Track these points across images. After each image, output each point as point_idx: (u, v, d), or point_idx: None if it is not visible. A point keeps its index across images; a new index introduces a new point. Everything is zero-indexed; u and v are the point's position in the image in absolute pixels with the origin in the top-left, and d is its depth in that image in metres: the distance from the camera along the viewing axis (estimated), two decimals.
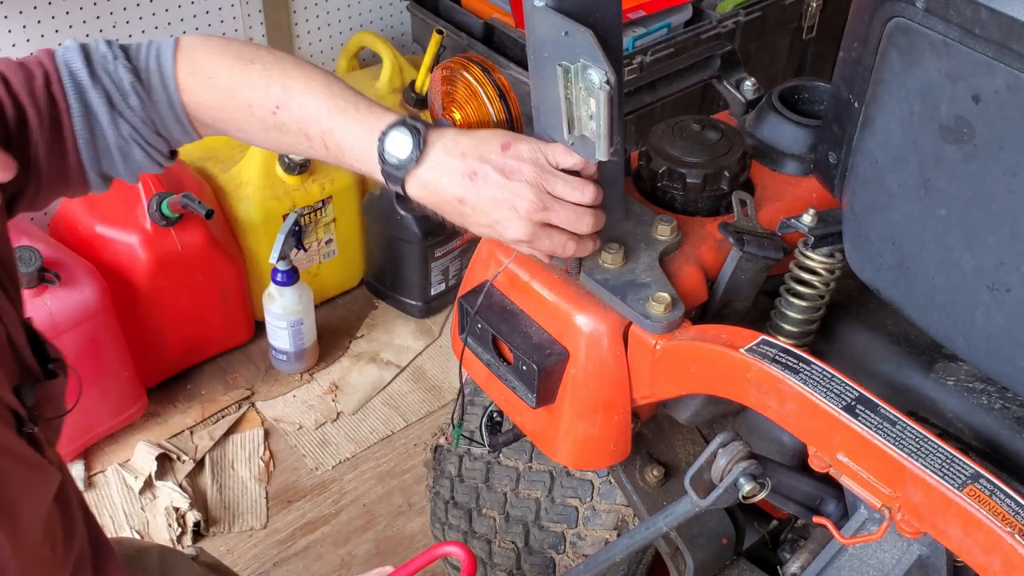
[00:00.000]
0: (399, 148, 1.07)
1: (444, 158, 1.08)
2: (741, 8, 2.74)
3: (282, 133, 1.13)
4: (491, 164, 1.07)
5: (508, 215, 1.07)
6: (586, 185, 1.09)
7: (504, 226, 1.08)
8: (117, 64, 1.11)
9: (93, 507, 2.43)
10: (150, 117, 1.13)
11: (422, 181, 1.09)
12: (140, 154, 1.15)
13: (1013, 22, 0.86)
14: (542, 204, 1.07)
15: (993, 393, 1.16)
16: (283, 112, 1.11)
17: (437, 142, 1.08)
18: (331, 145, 1.11)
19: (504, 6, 2.62)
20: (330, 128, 1.10)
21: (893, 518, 1.02)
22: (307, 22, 2.93)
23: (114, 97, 1.10)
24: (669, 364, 1.18)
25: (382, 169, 1.09)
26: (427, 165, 1.08)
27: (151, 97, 1.13)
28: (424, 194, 1.10)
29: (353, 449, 2.62)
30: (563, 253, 1.12)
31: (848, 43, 1.07)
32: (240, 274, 2.71)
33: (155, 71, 1.13)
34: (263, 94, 1.12)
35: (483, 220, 1.09)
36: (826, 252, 1.22)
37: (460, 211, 1.09)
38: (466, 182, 1.07)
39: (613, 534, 1.57)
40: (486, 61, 1.17)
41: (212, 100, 1.13)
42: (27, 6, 2.41)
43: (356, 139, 1.10)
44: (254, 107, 1.12)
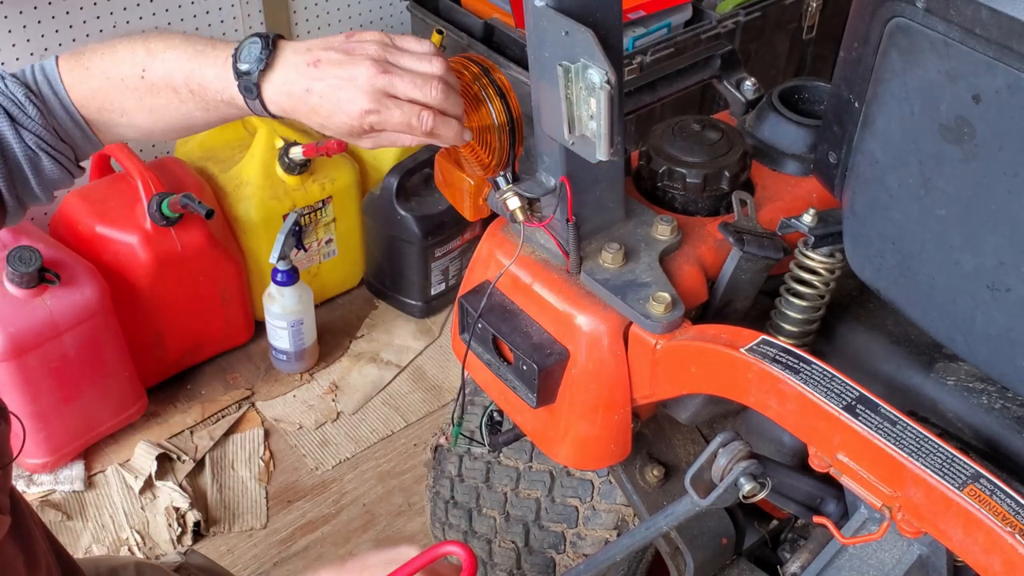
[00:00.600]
0: (250, 56, 1.08)
1: (291, 56, 1.09)
2: (741, 8, 2.74)
3: (153, 96, 1.14)
4: (334, 49, 1.07)
5: (349, 88, 1.05)
6: (433, 57, 1.08)
7: (347, 100, 1.05)
8: (6, 82, 1.14)
9: (93, 507, 2.43)
10: (51, 124, 1.15)
11: (275, 85, 1.08)
12: (49, 163, 1.16)
13: (1013, 22, 0.86)
14: (382, 69, 1.05)
15: (993, 393, 1.16)
16: (149, 72, 1.13)
17: (287, 46, 1.10)
18: (194, 88, 1.12)
19: (504, 6, 2.62)
20: (191, 70, 1.11)
21: (893, 518, 1.02)
22: (307, 22, 2.93)
23: (12, 111, 1.13)
24: (669, 364, 1.18)
25: (238, 84, 1.09)
26: (278, 67, 1.08)
27: (47, 106, 1.15)
28: (279, 98, 1.09)
29: (353, 449, 2.62)
30: (421, 127, 1.07)
31: (848, 43, 1.07)
32: (240, 274, 2.71)
33: (43, 81, 1.15)
34: (130, 63, 1.14)
35: (329, 104, 1.06)
36: (826, 252, 1.22)
37: (310, 104, 1.07)
38: (311, 71, 1.07)
39: (613, 534, 1.57)
40: (486, 61, 1.17)
41: (92, 88, 1.15)
42: (27, 6, 2.41)
43: (214, 71, 1.11)
44: (125, 79, 1.14)
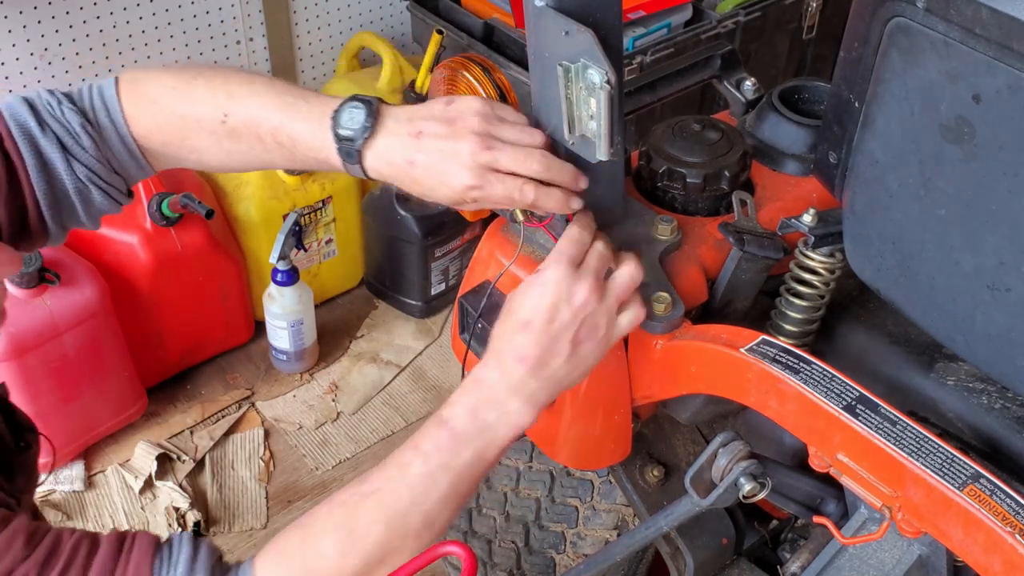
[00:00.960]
0: (353, 122, 1.06)
1: (394, 125, 1.07)
2: (741, 8, 2.74)
3: (234, 140, 1.11)
4: (435, 119, 1.06)
5: (452, 163, 1.04)
6: (534, 130, 1.08)
7: (451, 174, 1.04)
8: (63, 108, 1.10)
9: (93, 507, 2.43)
10: (104, 156, 1.12)
11: (377, 152, 1.06)
12: (99, 195, 1.13)
13: (1013, 22, 0.86)
14: (486, 144, 1.04)
15: (993, 393, 1.16)
16: (232, 118, 1.10)
17: (388, 113, 1.07)
18: (283, 141, 1.10)
19: (504, 6, 2.62)
20: (281, 123, 1.09)
21: (893, 518, 1.02)
22: (307, 22, 2.93)
23: (66, 141, 1.09)
24: (669, 364, 1.18)
25: (338, 148, 1.07)
26: (380, 135, 1.06)
27: (102, 135, 1.12)
28: (380, 166, 1.07)
29: (353, 449, 2.62)
30: (522, 199, 1.06)
31: (848, 43, 1.07)
32: (240, 274, 2.71)
33: (101, 108, 1.12)
34: (210, 106, 1.10)
35: (432, 177, 1.05)
36: (826, 252, 1.22)
37: (412, 175, 1.06)
38: (413, 143, 1.05)
39: (613, 534, 1.57)
40: (486, 61, 1.17)
41: (159, 124, 1.12)
42: (27, 6, 2.41)
43: (308, 127, 1.08)
44: (202, 120, 1.11)
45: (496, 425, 1.04)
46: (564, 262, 1.06)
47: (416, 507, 1.01)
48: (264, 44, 2.85)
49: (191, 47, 2.73)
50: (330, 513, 1.01)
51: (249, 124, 1.10)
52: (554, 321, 1.04)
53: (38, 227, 1.12)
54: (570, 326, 1.05)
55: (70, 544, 0.95)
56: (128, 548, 0.97)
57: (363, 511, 1.00)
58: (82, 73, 2.56)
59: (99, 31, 2.55)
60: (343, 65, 2.93)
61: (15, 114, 1.08)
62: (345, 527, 1.00)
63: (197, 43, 2.73)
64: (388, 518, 1.00)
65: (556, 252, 1.07)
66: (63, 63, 2.52)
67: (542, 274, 1.06)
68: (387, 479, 1.02)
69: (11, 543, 0.92)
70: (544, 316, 1.04)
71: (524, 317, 1.04)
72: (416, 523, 1.01)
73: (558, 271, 1.05)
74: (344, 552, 0.99)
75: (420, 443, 1.03)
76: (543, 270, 1.06)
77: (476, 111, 1.06)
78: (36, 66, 2.48)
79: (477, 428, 1.03)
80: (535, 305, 1.04)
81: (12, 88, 2.47)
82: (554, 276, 1.05)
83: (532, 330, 1.04)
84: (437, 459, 1.02)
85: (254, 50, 2.84)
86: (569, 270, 1.06)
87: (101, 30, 2.55)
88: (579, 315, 1.05)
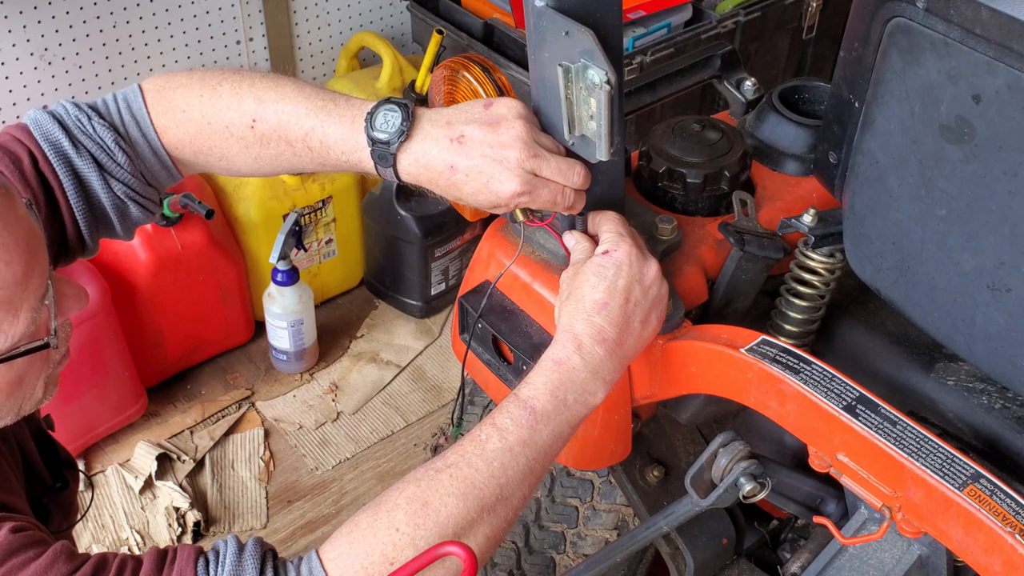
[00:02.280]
0: (388, 124, 1.05)
1: (431, 129, 1.06)
2: (741, 8, 2.74)
3: (263, 146, 1.11)
4: (476, 123, 1.05)
5: (499, 169, 1.04)
6: None
7: (499, 180, 1.04)
8: (94, 124, 1.09)
9: (93, 507, 2.43)
10: (139, 170, 1.12)
11: (413, 156, 1.06)
12: (136, 209, 1.13)
13: (1013, 22, 0.86)
14: (532, 152, 1.04)
15: (993, 393, 1.16)
16: (260, 123, 1.09)
17: (424, 115, 1.07)
18: (314, 145, 1.09)
19: (504, 6, 2.62)
20: (312, 127, 1.08)
21: (893, 518, 1.02)
22: (307, 22, 2.93)
23: (101, 159, 1.09)
24: (670, 364, 1.18)
25: (372, 150, 1.06)
26: (416, 138, 1.05)
27: (135, 150, 1.11)
28: (416, 170, 1.07)
29: (353, 449, 2.62)
30: (563, 204, 1.07)
31: (849, 43, 1.07)
32: (240, 274, 2.71)
33: (131, 122, 1.11)
34: (237, 111, 1.09)
35: (476, 182, 1.05)
36: (826, 252, 1.22)
37: (452, 180, 1.06)
38: (455, 147, 1.04)
39: (613, 534, 1.57)
40: (486, 61, 1.17)
41: (190, 133, 1.11)
42: (27, 6, 2.41)
43: (340, 131, 1.07)
44: (231, 127, 1.10)
45: (574, 405, 1.05)
46: (631, 241, 1.08)
47: (493, 480, 0.99)
48: (264, 44, 2.85)
49: (191, 47, 2.73)
50: (402, 490, 0.99)
51: (279, 129, 1.09)
52: (629, 301, 1.07)
53: (76, 244, 1.12)
54: (642, 304, 1.08)
55: (115, 565, 0.93)
56: (171, 560, 0.96)
57: (438, 484, 0.98)
58: (82, 73, 2.56)
59: (99, 31, 2.55)
60: (343, 65, 2.93)
61: (47, 134, 1.07)
62: (419, 499, 0.97)
63: (197, 43, 2.73)
64: (464, 491, 0.98)
65: (617, 234, 1.09)
66: (63, 63, 2.52)
67: (612, 255, 1.07)
68: (462, 454, 1.01)
69: (53, 563, 0.91)
70: (621, 297, 1.06)
71: (600, 298, 1.06)
72: (492, 496, 0.99)
73: (630, 252, 1.08)
74: (418, 525, 0.96)
75: (497, 420, 1.02)
76: (612, 251, 1.08)
77: (519, 115, 1.05)
78: (36, 66, 2.48)
79: (556, 408, 1.04)
80: (611, 286, 1.06)
81: (12, 88, 2.47)
82: (627, 257, 1.07)
83: (610, 311, 1.06)
84: (516, 435, 1.01)
85: (254, 50, 2.84)
86: (637, 250, 1.08)
87: (101, 30, 2.55)
88: (649, 293, 1.08)
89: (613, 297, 1.06)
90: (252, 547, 0.97)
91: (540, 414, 1.02)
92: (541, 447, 1.03)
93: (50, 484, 1.17)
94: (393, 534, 0.96)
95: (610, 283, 1.06)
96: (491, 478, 0.99)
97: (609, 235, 1.10)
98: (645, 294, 1.08)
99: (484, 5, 2.67)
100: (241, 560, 0.95)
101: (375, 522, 0.97)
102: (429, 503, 0.97)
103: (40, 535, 0.95)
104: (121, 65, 2.61)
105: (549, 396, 1.03)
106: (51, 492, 1.17)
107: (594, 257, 1.09)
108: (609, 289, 1.06)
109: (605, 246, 1.09)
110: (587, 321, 1.05)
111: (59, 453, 1.22)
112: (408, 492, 0.98)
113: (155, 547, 0.97)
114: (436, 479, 0.99)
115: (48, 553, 0.91)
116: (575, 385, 1.04)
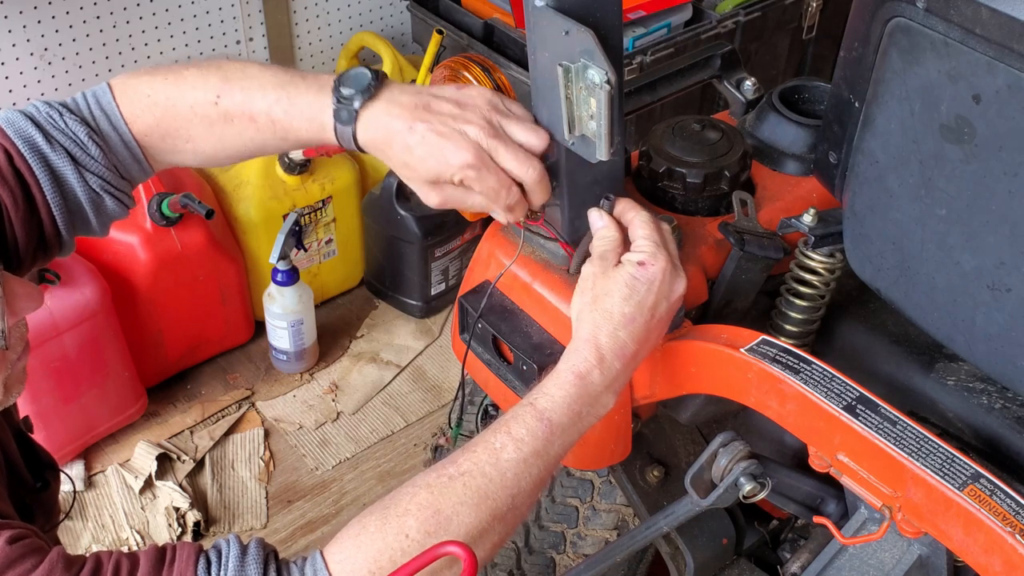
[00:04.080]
0: (356, 82, 1.06)
1: (399, 93, 1.06)
2: (741, 8, 2.74)
3: (227, 123, 1.11)
4: (446, 99, 1.05)
5: (457, 138, 1.03)
6: (539, 130, 1.07)
7: (452, 149, 1.03)
8: (66, 119, 1.09)
9: (93, 507, 2.43)
10: (112, 163, 1.12)
11: (374, 115, 1.06)
12: (111, 202, 1.13)
13: (1013, 22, 0.86)
14: (493, 131, 1.04)
15: (993, 393, 1.16)
16: (224, 98, 1.09)
17: (394, 83, 1.08)
18: (277, 116, 1.09)
19: (504, 6, 2.62)
20: (277, 98, 1.08)
21: (894, 518, 1.02)
22: (307, 22, 2.93)
23: (75, 153, 1.09)
24: (670, 364, 1.18)
25: (335, 110, 1.06)
26: (382, 98, 1.06)
27: (107, 142, 1.11)
28: (375, 132, 1.06)
29: (353, 449, 2.62)
30: (502, 200, 1.06)
31: (849, 43, 1.07)
32: (240, 274, 2.71)
33: (101, 116, 1.11)
34: (203, 90, 1.10)
35: (430, 145, 1.04)
36: (826, 252, 1.22)
37: (407, 142, 1.05)
38: (419, 112, 1.04)
39: (613, 534, 1.57)
40: (486, 61, 1.17)
41: (155, 116, 1.12)
42: (27, 6, 2.41)
43: (306, 98, 1.08)
44: (195, 106, 1.10)
45: (588, 417, 1.05)
46: (667, 256, 1.07)
47: (506, 491, 0.99)
48: (264, 44, 2.85)
49: (191, 47, 2.73)
50: (414, 495, 0.98)
51: (243, 104, 1.09)
52: (654, 318, 1.07)
53: (54, 240, 1.12)
54: (665, 319, 1.08)
55: (111, 566, 0.92)
56: (170, 560, 0.94)
57: (451, 492, 0.97)
58: (82, 73, 2.56)
59: (99, 31, 2.55)
60: (343, 65, 2.93)
61: (21, 131, 1.07)
62: (431, 507, 0.96)
63: (197, 43, 2.73)
64: (477, 501, 0.97)
65: (655, 244, 1.07)
66: (63, 63, 2.52)
67: (648, 269, 1.06)
68: (476, 462, 0.99)
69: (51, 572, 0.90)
70: (648, 314, 1.06)
71: (629, 312, 1.05)
72: (504, 506, 0.99)
73: (666, 267, 1.07)
74: (429, 532, 0.95)
75: (512, 429, 1.01)
76: (648, 264, 1.06)
77: (488, 100, 1.06)
78: (36, 66, 2.49)
79: (572, 421, 1.03)
80: (642, 301, 1.05)
81: (12, 88, 2.47)
82: (661, 273, 1.06)
83: (636, 326, 1.05)
84: (531, 446, 1.01)
85: (254, 50, 2.84)
86: (671, 267, 1.07)
87: (101, 30, 2.55)
88: (674, 308, 1.09)
89: (641, 313, 1.05)
90: (255, 549, 0.96)
91: (556, 427, 1.02)
92: (553, 458, 1.03)
93: (31, 485, 1.17)
94: (403, 540, 0.95)
95: (641, 299, 1.05)
96: (504, 488, 0.99)
97: (647, 243, 1.08)
98: (670, 311, 1.08)
99: (484, 5, 2.67)
100: (244, 564, 0.95)
101: (384, 526, 0.96)
102: (441, 511, 0.96)
103: (38, 542, 0.94)
104: (121, 65, 2.61)
105: (566, 410, 1.03)
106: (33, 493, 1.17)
107: (628, 266, 1.06)
108: (639, 305, 1.05)
109: (641, 256, 1.07)
110: (612, 335, 1.04)
111: (39, 454, 1.22)
112: (420, 498, 0.97)
113: (153, 545, 0.96)
114: (449, 487, 0.98)
115: (45, 564, 0.91)
116: (591, 399, 1.04)
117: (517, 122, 1.06)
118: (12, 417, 1.18)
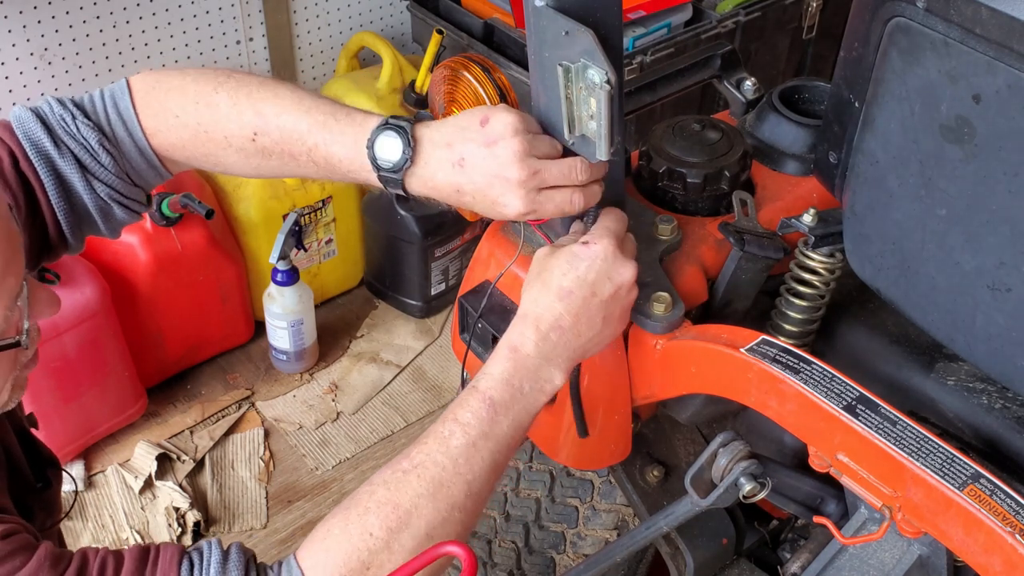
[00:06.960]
0: (390, 152, 1.06)
1: (433, 151, 1.07)
2: (741, 8, 2.74)
3: (265, 158, 1.11)
4: (474, 142, 1.05)
5: (503, 190, 1.05)
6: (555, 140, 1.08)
7: (503, 203, 1.05)
8: (78, 123, 1.08)
9: (93, 507, 2.43)
10: (124, 171, 1.11)
11: (420, 179, 1.08)
12: (120, 211, 1.13)
13: (1013, 22, 0.86)
14: (531, 169, 1.04)
15: (993, 393, 1.16)
16: (262, 137, 1.09)
17: (424, 137, 1.07)
18: (319, 161, 1.10)
19: (504, 6, 2.62)
20: (315, 144, 1.09)
21: (894, 518, 1.02)
22: (307, 22, 2.93)
23: (84, 160, 1.08)
24: (669, 364, 1.18)
25: (379, 176, 1.08)
26: (420, 163, 1.07)
27: (120, 149, 1.10)
28: (425, 190, 1.09)
29: (353, 449, 2.62)
30: (572, 208, 1.08)
31: (849, 43, 1.07)
32: (240, 274, 2.71)
33: (118, 121, 1.10)
34: (237, 124, 1.09)
35: (484, 203, 1.07)
36: (826, 252, 1.22)
37: (461, 201, 1.08)
38: (457, 170, 1.06)
39: (613, 534, 1.57)
40: (486, 61, 1.17)
41: (183, 139, 1.11)
42: (27, 6, 2.41)
43: (345, 151, 1.08)
44: (231, 138, 1.10)
45: (531, 393, 1.05)
46: (613, 239, 1.08)
47: (460, 477, 1.00)
48: (264, 44, 2.85)
49: (191, 47, 2.73)
50: (372, 493, 0.99)
51: (281, 143, 1.09)
52: (595, 295, 1.06)
53: (59, 242, 1.12)
54: (608, 302, 1.07)
55: (96, 565, 0.93)
56: (153, 559, 0.95)
57: (407, 486, 0.98)
58: (82, 73, 2.56)
59: (99, 31, 2.55)
60: (343, 65, 2.93)
61: (29, 133, 1.06)
62: (390, 503, 0.97)
63: (197, 43, 2.73)
64: (433, 490, 0.98)
65: (603, 228, 1.09)
66: (63, 63, 2.52)
67: (591, 247, 1.07)
68: (428, 453, 1.00)
69: (37, 572, 0.91)
70: (588, 289, 1.06)
71: (566, 286, 1.06)
72: (460, 494, 1.00)
73: (608, 247, 1.07)
74: (391, 528, 0.96)
75: (458, 415, 1.02)
76: (591, 243, 1.07)
77: (515, 130, 1.05)
78: (36, 66, 2.48)
79: (513, 397, 1.04)
80: (581, 276, 1.06)
81: (12, 88, 2.47)
82: (603, 252, 1.07)
83: (573, 300, 1.05)
84: (478, 429, 1.01)
85: (254, 50, 2.84)
86: (616, 248, 1.08)
87: (101, 30, 2.55)
88: (618, 294, 1.08)
89: (579, 287, 1.06)
90: (236, 554, 0.98)
91: (499, 404, 1.02)
92: (502, 438, 1.03)
93: (33, 483, 1.17)
94: (368, 539, 0.96)
95: (580, 275, 1.06)
96: (457, 475, 1.00)
97: (597, 228, 1.10)
98: (614, 294, 1.08)
99: (484, 5, 2.67)
100: (226, 567, 0.96)
101: (347, 527, 0.97)
102: (400, 505, 0.97)
103: (27, 539, 0.94)
104: (121, 65, 2.61)
105: (505, 385, 1.03)
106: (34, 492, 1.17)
107: (571, 245, 1.09)
108: (578, 280, 1.06)
109: (587, 237, 1.09)
110: (549, 307, 1.06)
111: (42, 452, 1.22)
112: (378, 495, 0.98)
113: (137, 545, 0.97)
114: (404, 480, 0.99)
115: (33, 561, 0.91)
116: (529, 372, 1.05)
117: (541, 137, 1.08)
118: (17, 414, 1.18)
